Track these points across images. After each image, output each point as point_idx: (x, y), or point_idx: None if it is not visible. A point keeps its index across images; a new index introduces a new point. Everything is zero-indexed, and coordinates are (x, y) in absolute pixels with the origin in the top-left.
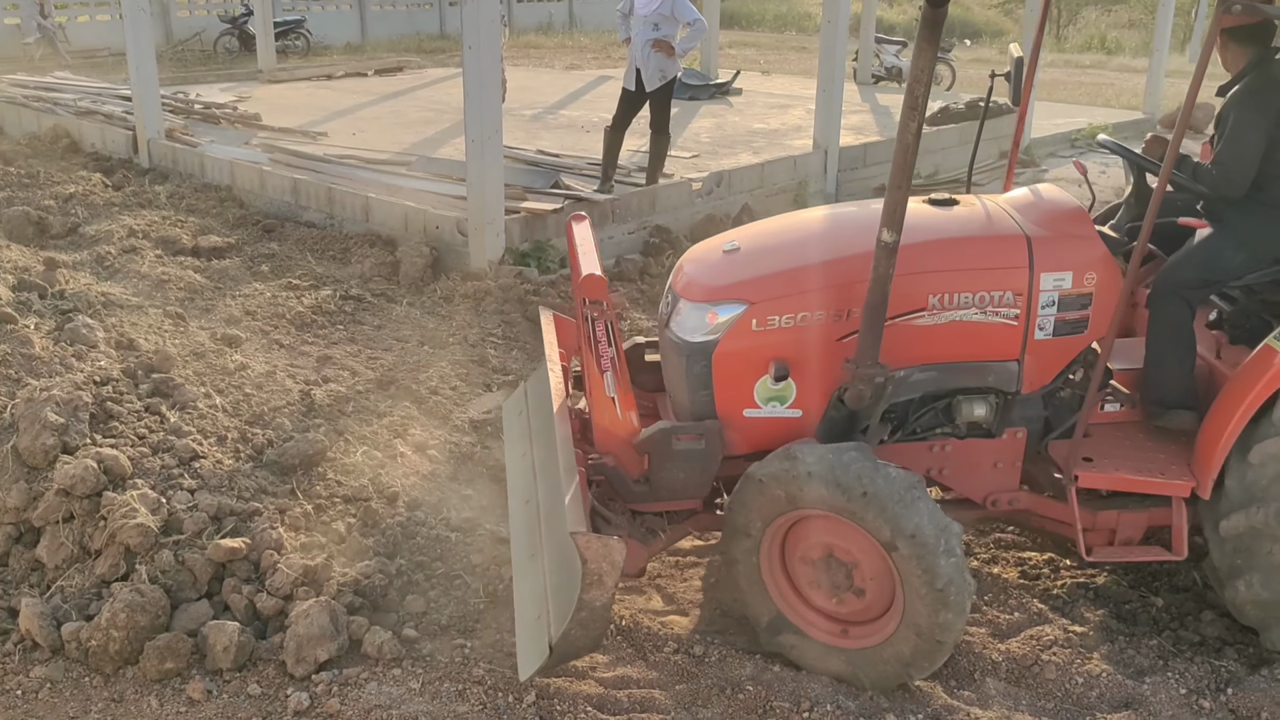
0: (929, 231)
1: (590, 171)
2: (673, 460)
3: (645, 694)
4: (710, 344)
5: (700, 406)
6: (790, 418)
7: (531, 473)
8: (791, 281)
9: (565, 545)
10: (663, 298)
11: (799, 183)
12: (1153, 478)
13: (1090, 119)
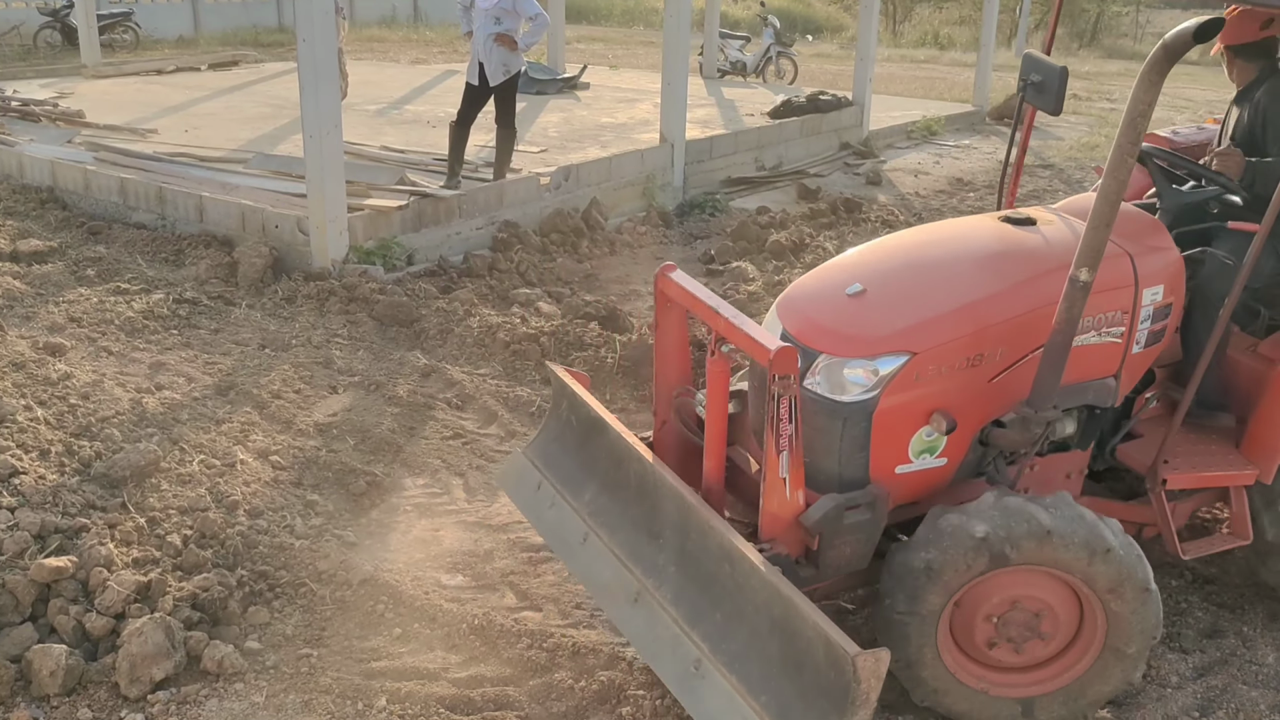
0: (1047, 260)
1: (436, 167)
2: (842, 535)
3: (499, 691)
4: (871, 402)
5: (854, 470)
6: (937, 468)
7: (620, 558)
8: (951, 325)
9: (804, 657)
10: (767, 393)
11: (647, 176)
12: (1225, 472)
13: (925, 111)
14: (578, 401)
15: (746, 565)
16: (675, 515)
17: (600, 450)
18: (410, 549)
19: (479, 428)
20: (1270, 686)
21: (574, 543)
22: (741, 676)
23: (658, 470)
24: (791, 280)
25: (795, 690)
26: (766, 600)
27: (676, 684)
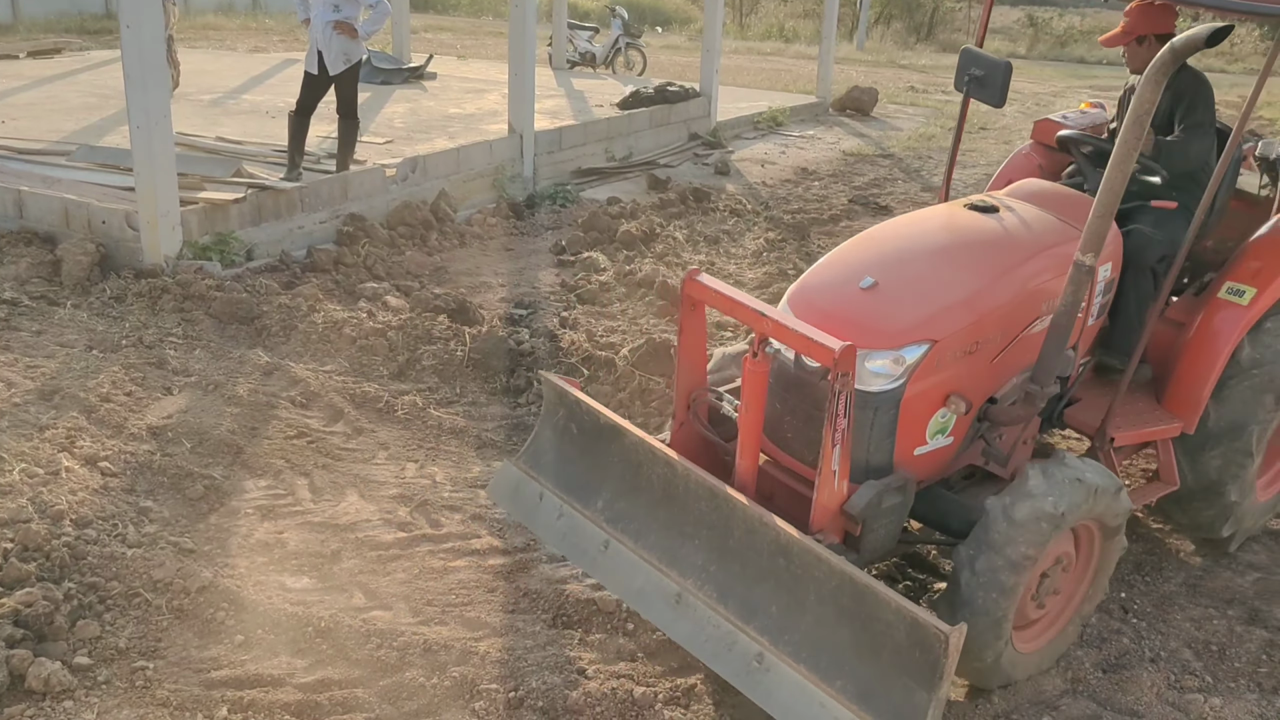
0: (1025, 249)
1: (276, 159)
2: (881, 521)
3: (347, 694)
4: (899, 390)
5: (881, 457)
6: (946, 447)
7: (651, 563)
8: (965, 312)
9: (881, 638)
10: (831, 380)
11: (496, 167)
12: (1157, 427)
13: (771, 103)
14: (580, 409)
15: (809, 557)
16: (712, 514)
17: (612, 455)
18: (252, 553)
19: (325, 425)
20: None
21: (593, 551)
22: (811, 665)
23: (690, 470)
24: (642, 269)
25: (873, 672)
26: (834, 589)
27: (740, 680)
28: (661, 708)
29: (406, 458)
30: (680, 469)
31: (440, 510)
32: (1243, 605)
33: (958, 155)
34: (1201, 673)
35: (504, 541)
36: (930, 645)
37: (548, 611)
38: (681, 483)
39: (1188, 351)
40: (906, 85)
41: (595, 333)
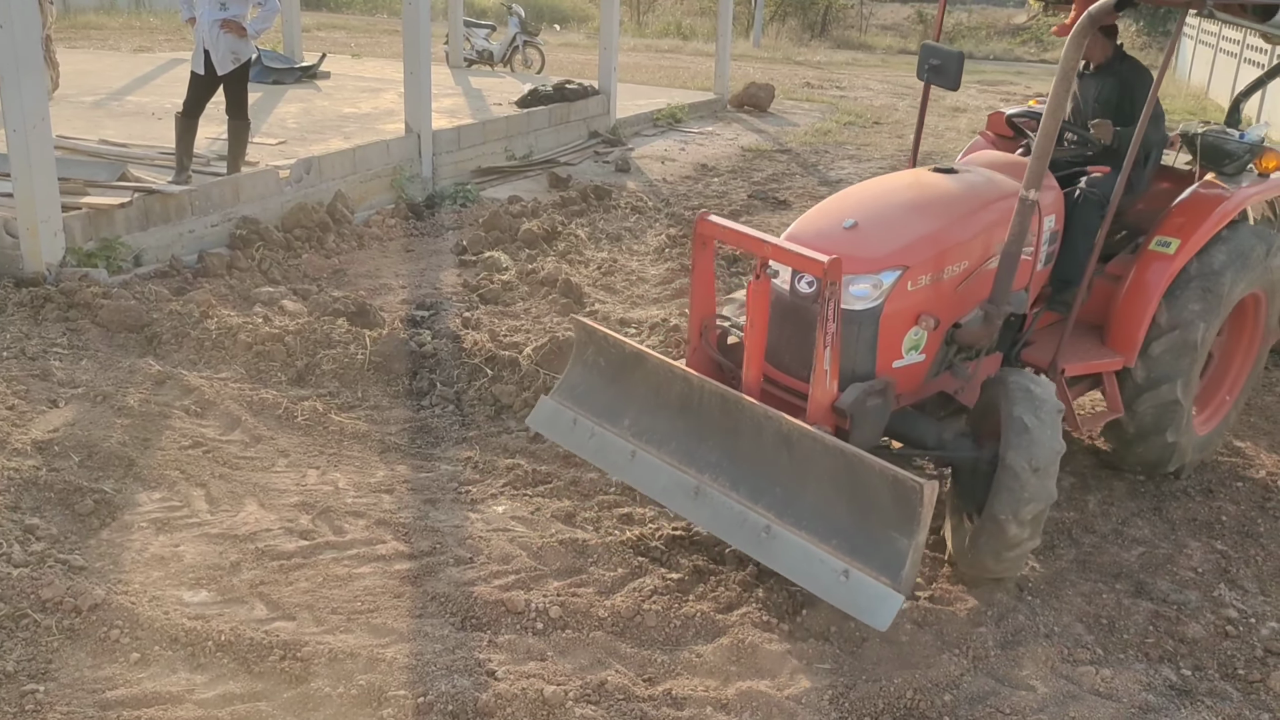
0: (979, 198)
1: (164, 162)
2: (866, 417)
3: (251, 708)
4: (877, 309)
5: (865, 366)
6: (919, 363)
7: (672, 465)
8: (931, 244)
9: (869, 498)
10: (819, 290)
11: (394, 168)
12: (1102, 360)
13: (669, 100)
14: (607, 344)
15: (807, 440)
16: (723, 417)
17: (635, 380)
18: (147, 568)
19: (221, 434)
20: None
21: (622, 461)
22: (810, 530)
23: (704, 382)
24: (545, 268)
25: (862, 530)
26: (831, 466)
27: (752, 548)
28: (573, 705)
29: (308, 464)
30: (695, 382)
31: (344, 517)
32: (1129, 579)
33: (921, 138)
34: (1093, 645)
35: (410, 546)
36: (909, 498)
37: (455, 614)
38: (696, 394)
39: (1126, 296)
40: (802, 81)
41: (499, 332)
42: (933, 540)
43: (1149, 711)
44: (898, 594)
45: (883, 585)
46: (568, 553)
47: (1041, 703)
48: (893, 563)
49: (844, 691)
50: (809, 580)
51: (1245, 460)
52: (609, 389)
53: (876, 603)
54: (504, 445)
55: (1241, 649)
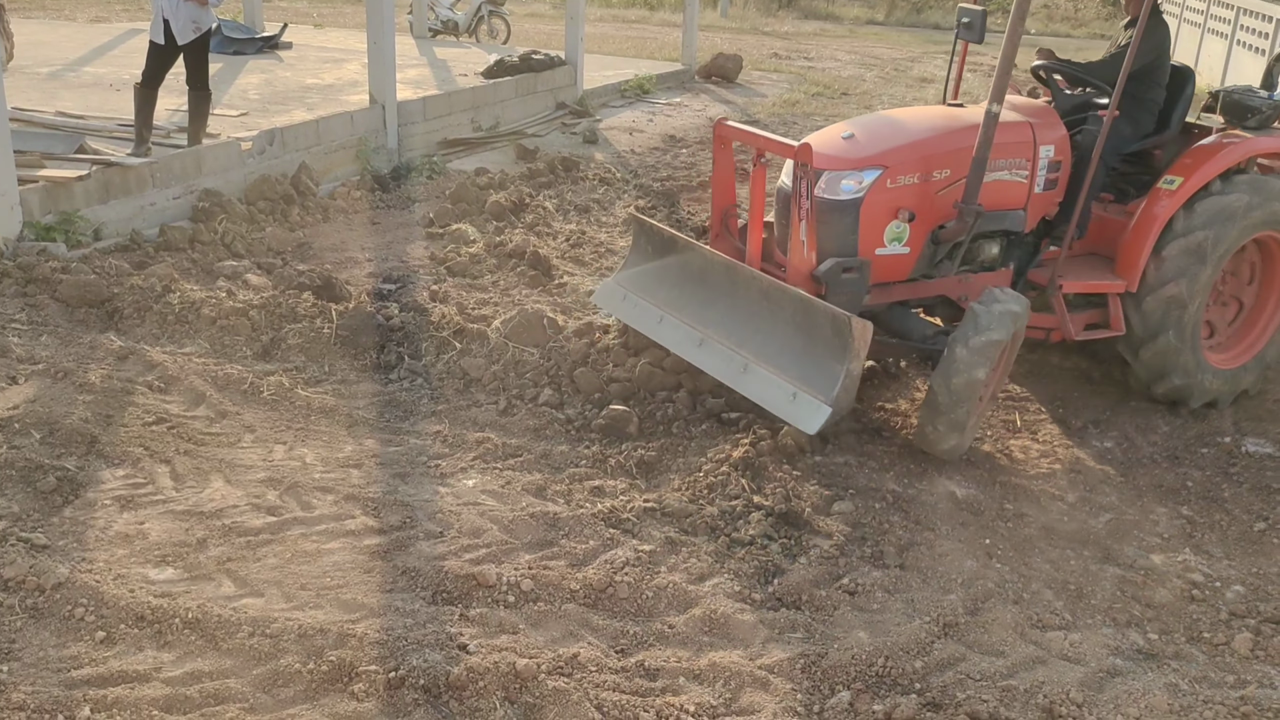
0: (970, 120)
1: (123, 134)
2: (841, 287)
3: (219, 685)
4: (858, 200)
5: (848, 249)
6: (902, 254)
7: (687, 324)
8: (911, 151)
9: (818, 336)
10: (793, 178)
11: (358, 139)
12: (1105, 282)
13: (637, 70)
14: (654, 232)
15: (777, 291)
16: (724, 281)
17: (670, 260)
18: (111, 545)
19: (186, 410)
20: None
21: (653, 323)
22: (776, 366)
23: (715, 254)
24: (512, 240)
25: (811, 361)
26: (792, 312)
27: (732, 380)
28: (545, 678)
29: (274, 440)
30: (709, 254)
31: (312, 492)
32: (1097, 545)
33: (958, 90)
34: (1061, 611)
35: (379, 520)
36: (843, 330)
37: (427, 589)
38: (709, 265)
39: (1134, 228)
40: (770, 52)
41: (466, 305)
42: (908, 502)
43: (1115, 675)
44: (827, 407)
45: (818, 401)
46: (539, 526)
47: (1010, 668)
48: (828, 384)
49: (816, 660)
50: (768, 402)
51: (1210, 427)
52: (652, 270)
53: (811, 414)
54: (474, 419)
55: (1207, 612)
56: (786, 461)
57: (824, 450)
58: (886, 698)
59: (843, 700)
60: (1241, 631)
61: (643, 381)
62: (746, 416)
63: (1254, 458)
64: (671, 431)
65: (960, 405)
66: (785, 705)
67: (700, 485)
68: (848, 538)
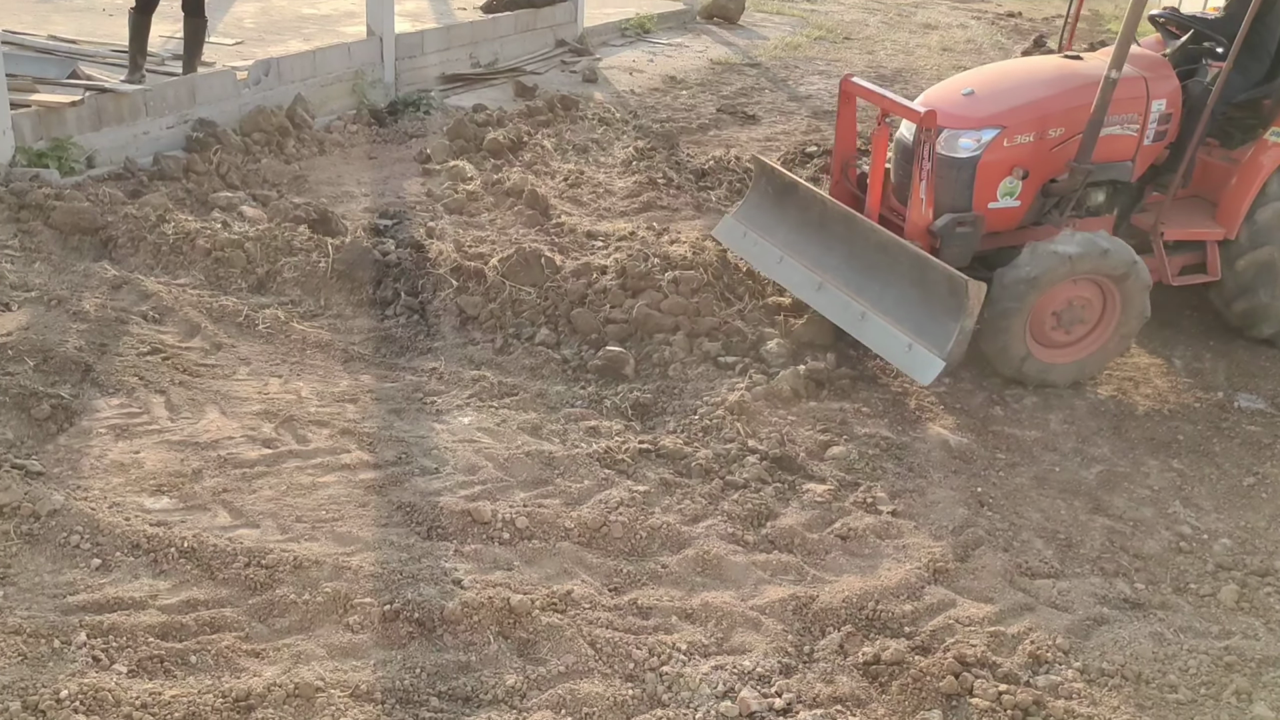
0: (1087, 77)
1: (116, 60)
2: (955, 240)
3: (215, 614)
4: (976, 158)
5: (962, 204)
6: (1013, 208)
7: (805, 267)
8: (1029, 111)
9: (934, 293)
10: (914, 140)
11: (355, 72)
12: (1204, 230)
13: (638, 9)
14: (775, 174)
15: (896, 247)
16: (845, 231)
17: (790, 204)
18: (107, 474)
19: (180, 341)
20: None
21: (772, 263)
22: (892, 317)
23: (835, 203)
24: (510, 178)
25: (926, 315)
26: (909, 266)
27: (851, 328)
28: (539, 614)
29: (270, 373)
30: (829, 203)
31: (307, 426)
32: (1088, 496)
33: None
34: (1050, 559)
35: (375, 455)
36: (959, 291)
37: (421, 524)
38: (829, 213)
39: (1238, 177)
40: None
41: (463, 243)
42: (901, 449)
43: (1102, 623)
44: (941, 360)
45: (932, 355)
46: (534, 464)
47: (998, 614)
48: (942, 339)
49: (807, 603)
50: (885, 351)
51: (1203, 381)
52: (773, 210)
53: (925, 366)
54: (469, 357)
55: (1194, 564)
56: (782, 406)
57: (819, 396)
58: (876, 640)
59: (832, 642)
60: (1228, 584)
61: (640, 323)
62: (743, 360)
63: (1246, 413)
64: (668, 374)
65: (1000, 335)
66: (776, 645)
67: (695, 428)
68: (841, 483)
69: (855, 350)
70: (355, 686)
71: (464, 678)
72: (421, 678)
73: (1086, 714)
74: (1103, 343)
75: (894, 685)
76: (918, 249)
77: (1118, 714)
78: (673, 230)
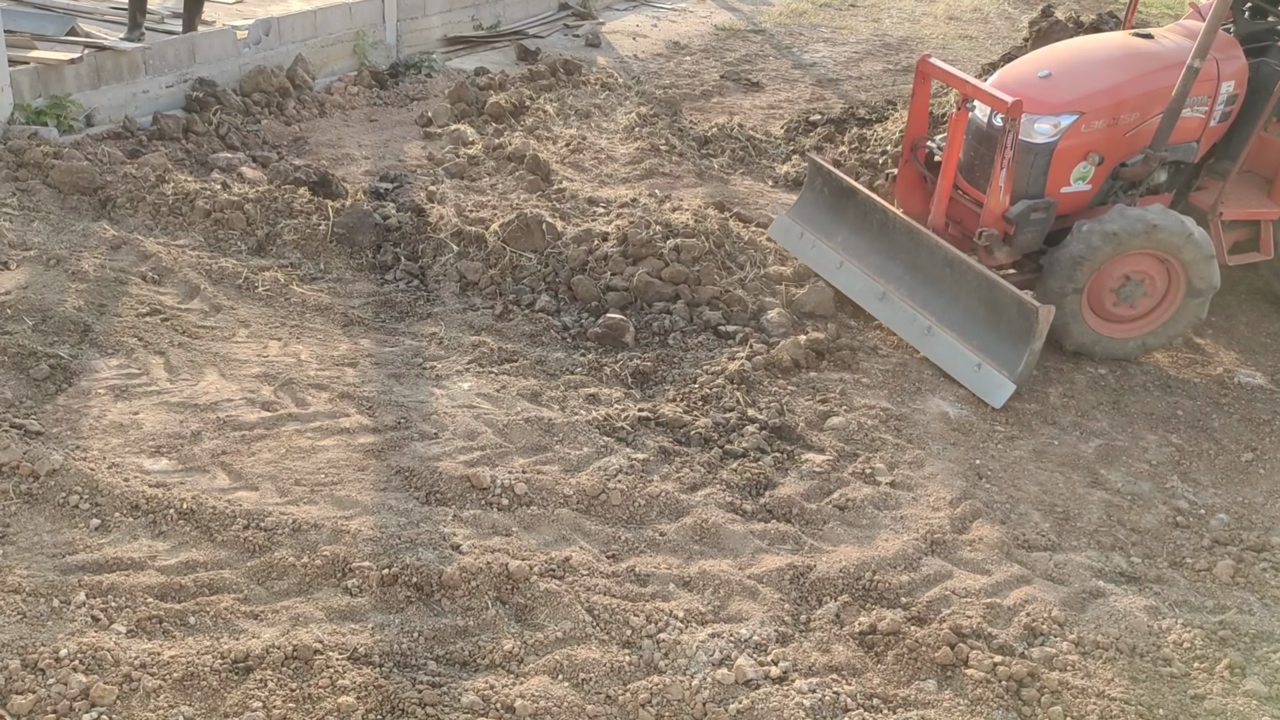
0: (1160, 60)
1: (115, 17)
2: (1028, 226)
3: (214, 575)
4: (1053, 143)
5: (1036, 188)
6: (1084, 191)
7: (868, 275)
8: (1107, 96)
9: (1003, 314)
10: (1001, 130)
11: (356, 33)
12: (1260, 210)
13: None
14: (831, 177)
15: (964, 266)
16: (909, 242)
17: (848, 207)
18: (106, 435)
19: (180, 302)
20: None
21: (832, 268)
22: (959, 333)
23: (898, 215)
24: (512, 143)
25: (995, 336)
26: (978, 286)
27: (917, 341)
28: (537, 580)
29: (269, 335)
30: (891, 214)
31: (306, 389)
32: (1086, 470)
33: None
34: (1048, 532)
35: (374, 420)
36: (1029, 316)
37: (420, 489)
38: (891, 223)
39: None
40: None
41: (464, 207)
42: (900, 420)
43: (1098, 596)
44: (1011, 383)
45: (1003, 377)
46: (533, 430)
47: (995, 585)
48: (1012, 361)
49: (804, 572)
50: (952, 368)
51: (1204, 357)
52: (830, 211)
53: (996, 388)
54: (469, 322)
55: (1190, 539)
56: (781, 376)
57: (819, 366)
58: (872, 610)
59: (829, 611)
60: (1224, 559)
61: (640, 291)
62: (743, 330)
63: (1245, 389)
64: (668, 342)
65: (1058, 314)
66: (772, 614)
67: (695, 397)
68: (840, 453)
69: (856, 321)
70: (353, 649)
71: (461, 642)
72: (419, 641)
73: (1080, 686)
74: (1172, 314)
75: (889, 655)
76: (985, 270)
77: (1111, 686)
78: (674, 197)
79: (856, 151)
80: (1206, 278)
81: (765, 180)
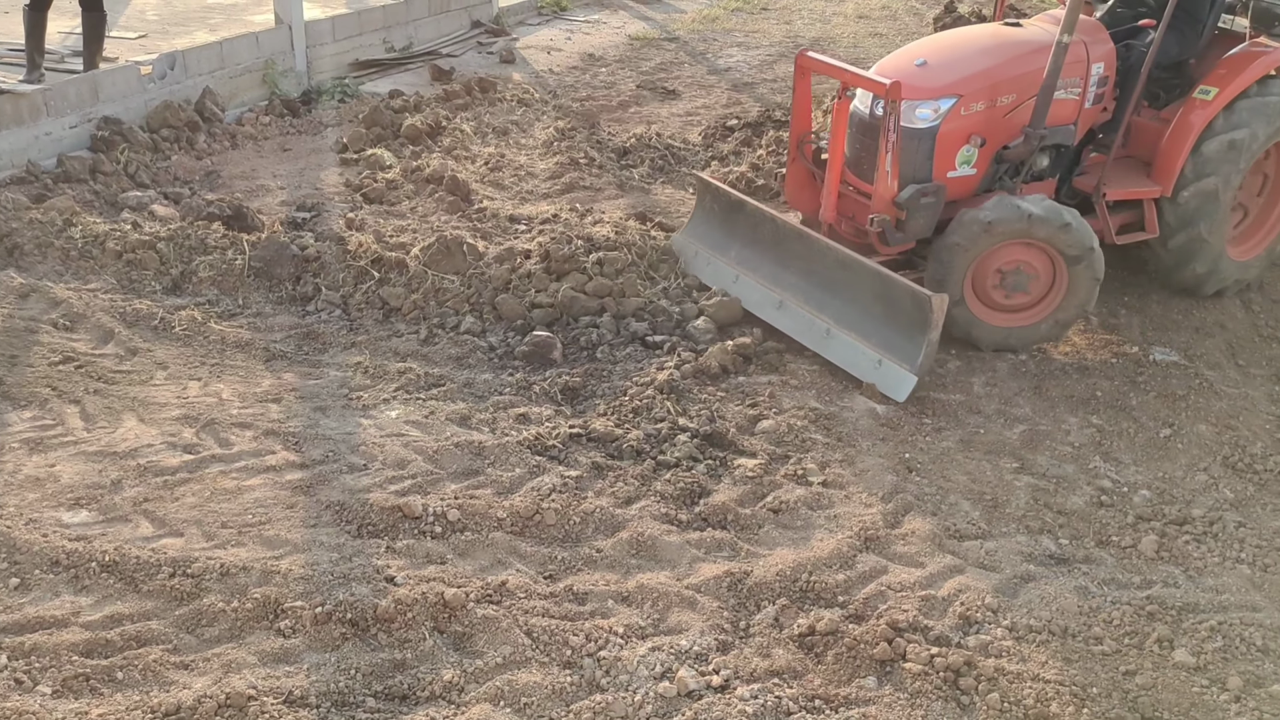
0: (1032, 44)
1: (13, 59)
2: (919, 211)
3: (141, 627)
4: (935, 128)
5: (923, 174)
6: (970, 175)
7: (763, 285)
8: (983, 79)
9: (898, 308)
10: (883, 113)
11: (265, 62)
12: (1142, 188)
13: None
14: (719, 192)
15: (858, 264)
16: (801, 248)
17: (739, 221)
18: (21, 490)
19: (94, 348)
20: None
21: (728, 282)
22: (858, 332)
23: (788, 222)
24: (430, 164)
25: (893, 330)
26: (872, 283)
27: (817, 345)
28: (474, 606)
29: (188, 376)
30: (781, 222)
31: (229, 429)
32: (1012, 456)
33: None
34: (977, 521)
35: (300, 455)
36: (924, 306)
37: (351, 522)
38: (782, 231)
39: (1170, 136)
40: None
41: (384, 233)
42: (829, 419)
43: (1029, 580)
44: (913, 376)
45: (904, 370)
46: (464, 455)
47: (929, 578)
48: (911, 354)
49: (742, 578)
50: (854, 368)
51: (1119, 338)
52: (721, 227)
53: (899, 382)
54: (394, 349)
55: (1115, 517)
56: (710, 383)
57: (747, 370)
58: (810, 611)
59: (768, 616)
60: (1148, 534)
61: (566, 306)
62: (670, 339)
63: (1160, 366)
64: (596, 356)
65: (943, 272)
66: (712, 623)
67: (626, 409)
68: (771, 456)
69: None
70: (289, 692)
71: (400, 676)
72: (357, 679)
73: (1015, 671)
74: (1055, 306)
75: (829, 655)
76: (877, 266)
77: (1045, 669)
78: (596, 210)
79: (774, 154)
80: (1090, 271)
81: (686, 189)
